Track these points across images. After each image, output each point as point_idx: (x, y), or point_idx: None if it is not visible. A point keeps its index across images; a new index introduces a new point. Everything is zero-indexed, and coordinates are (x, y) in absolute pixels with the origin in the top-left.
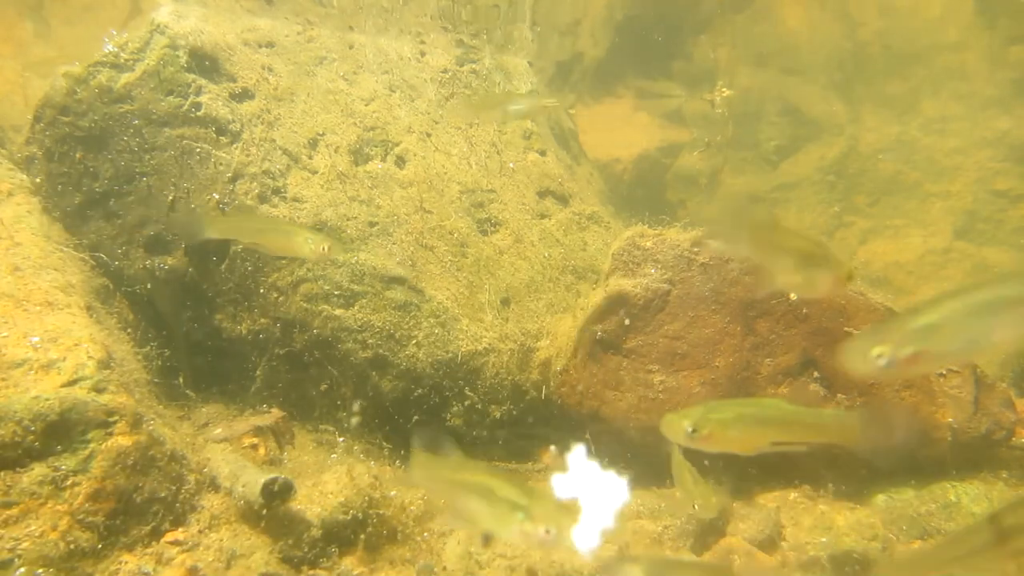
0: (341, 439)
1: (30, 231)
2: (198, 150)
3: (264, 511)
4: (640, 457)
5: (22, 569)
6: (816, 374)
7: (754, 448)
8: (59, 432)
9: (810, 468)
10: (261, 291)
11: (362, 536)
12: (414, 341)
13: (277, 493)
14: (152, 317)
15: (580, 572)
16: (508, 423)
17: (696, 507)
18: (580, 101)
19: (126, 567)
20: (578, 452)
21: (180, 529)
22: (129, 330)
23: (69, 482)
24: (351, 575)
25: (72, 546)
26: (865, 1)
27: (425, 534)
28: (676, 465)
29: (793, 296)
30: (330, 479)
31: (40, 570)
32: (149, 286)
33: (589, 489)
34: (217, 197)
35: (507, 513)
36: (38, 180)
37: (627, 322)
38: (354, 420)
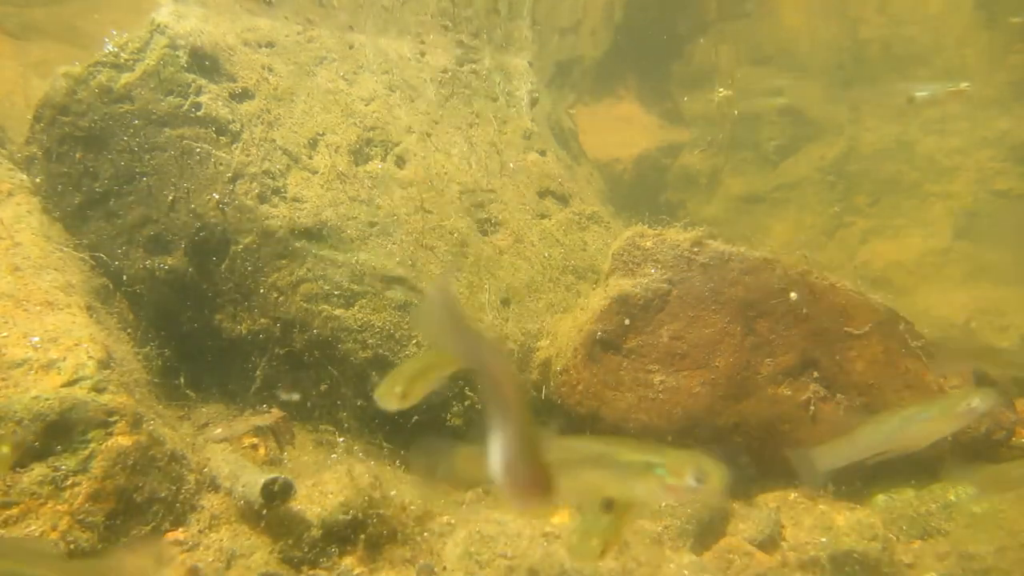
0: (341, 439)
1: (30, 231)
2: (198, 150)
3: (264, 511)
4: None
5: None
6: (816, 374)
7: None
8: (59, 432)
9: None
10: (261, 291)
11: (362, 536)
12: (414, 341)
13: (277, 493)
14: (152, 317)
15: (580, 572)
16: None
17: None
18: (580, 101)
19: None
20: None
21: (180, 529)
22: (129, 330)
23: (69, 482)
24: (351, 575)
25: (72, 546)
26: (865, 1)
27: (425, 534)
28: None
29: (793, 296)
30: (330, 479)
31: None
32: (149, 286)
33: None
34: (217, 197)
35: (643, 472)
36: (38, 180)
37: (627, 322)
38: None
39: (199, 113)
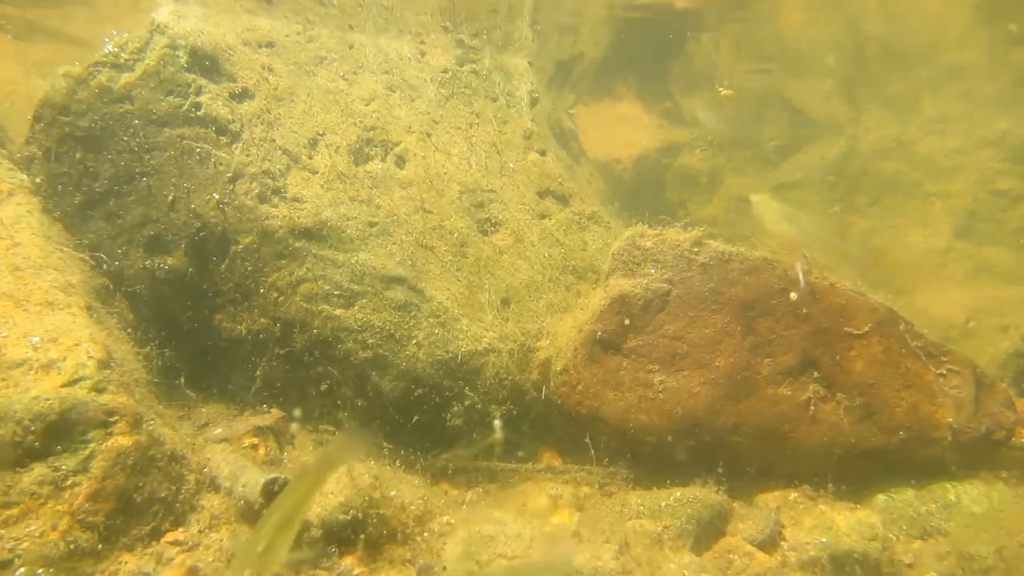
0: None
1: (30, 231)
2: (198, 150)
3: (264, 511)
4: (640, 457)
5: (22, 569)
6: (816, 374)
7: None
8: (59, 432)
9: (810, 468)
10: (261, 291)
11: (362, 536)
12: (414, 341)
13: (277, 493)
14: (152, 317)
15: (580, 572)
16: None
17: None
18: (580, 101)
19: (126, 567)
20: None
21: (180, 529)
22: (129, 330)
23: (69, 482)
24: (351, 575)
25: (72, 546)
26: (866, 1)
27: (425, 534)
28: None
29: (793, 296)
30: (330, 479)
31: (40, 570)
32: (149, 286)
33: None
34: (217, 197)
35: None
36: (38, 180)
37: (627, 322)
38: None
39: (199, 113)
